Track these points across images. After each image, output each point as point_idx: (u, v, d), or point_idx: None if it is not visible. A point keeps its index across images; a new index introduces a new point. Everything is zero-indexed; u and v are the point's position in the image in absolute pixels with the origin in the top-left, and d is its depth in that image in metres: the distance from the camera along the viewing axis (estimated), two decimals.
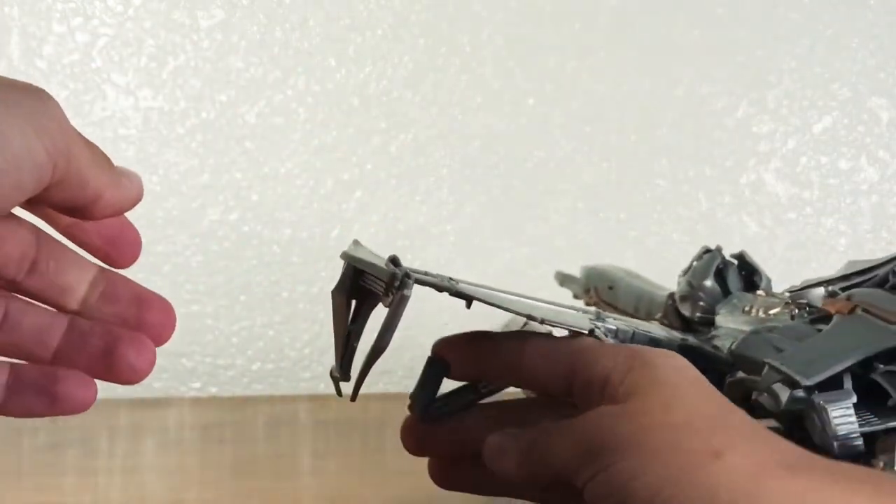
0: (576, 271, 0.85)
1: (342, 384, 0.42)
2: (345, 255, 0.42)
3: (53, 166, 0.30)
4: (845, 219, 0.84)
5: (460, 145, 0.84)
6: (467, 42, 0.83)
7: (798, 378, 0.37)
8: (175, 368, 0.84)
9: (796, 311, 0.46)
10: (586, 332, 0.39)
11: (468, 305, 0.40)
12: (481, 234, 0.85)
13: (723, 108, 0.84)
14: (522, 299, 0.43)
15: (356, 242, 0.45)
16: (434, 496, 0.50)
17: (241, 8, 0.83)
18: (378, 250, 0.88)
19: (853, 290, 0.43)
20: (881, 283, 0.44)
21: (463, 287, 0.41)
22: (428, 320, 0.86)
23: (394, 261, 0.39)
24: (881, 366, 0.38)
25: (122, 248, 0.36)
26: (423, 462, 0.44)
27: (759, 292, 0.51)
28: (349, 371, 0.42)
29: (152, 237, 0.85)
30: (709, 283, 0.52)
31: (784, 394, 0.38)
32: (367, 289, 0.41)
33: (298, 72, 0.84)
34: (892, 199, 0.84)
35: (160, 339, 0.34)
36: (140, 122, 0.84)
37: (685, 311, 0.52)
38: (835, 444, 0.36)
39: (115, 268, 0.35)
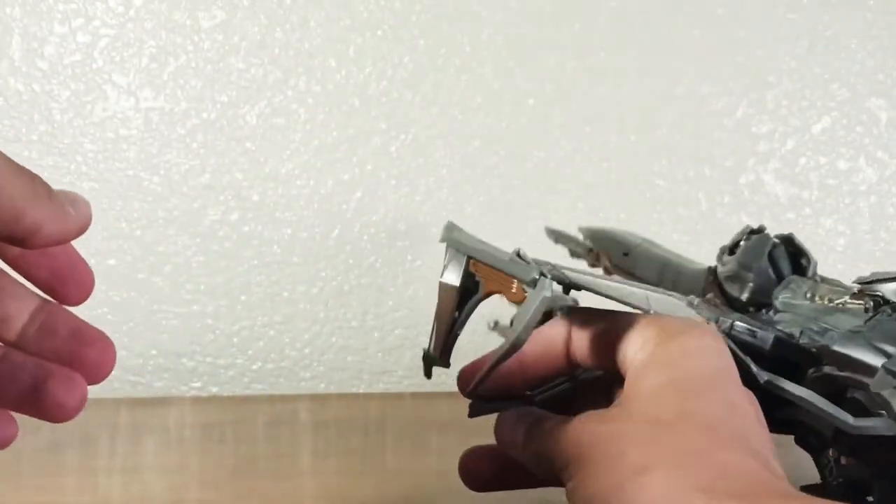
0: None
1: (439, 369, 0.42)
2: (453, 242, 0.41)
3: None
4: (844, 219, 0.84)
5: (460, 145, 0.84)
6: (467, 42, 0.83)
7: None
8: (175, 368, 0.84)
9: (871, 303, 0.46)
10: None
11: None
12: (481, 234, 0.84)
13: (722, 109, 0.84)
14: (630, 289, 0.41)
15: (452, 226, 0.44)
16: (434, 496, 0.50)
17: (242, 9, 0.83)
18: (378, 250, 0.89)
19: None
20: None
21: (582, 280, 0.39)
22: (428, 320, 0.86)
23: (522, 257, 0.38)
24: None
25: (70, 285, 0.34)
26: (423, 462, 0.44)
27: (817, 277, 0.50)
28: (449, 358, 0.42)
29: (153, 237, 0.85)
30: (762, 264, 0.51)
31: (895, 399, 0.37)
32: (478, 279, 0.40)
33: (299, 72, 0.84)
34: (891, 200, 0.84)
35: (96, 377, 0.33)
36: (141, 122, 0.84)
37: (733, 291, 0.51)
38: None
39: (63, 304, 0.34)
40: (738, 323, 0.42)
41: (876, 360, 0.39)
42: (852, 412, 0.38)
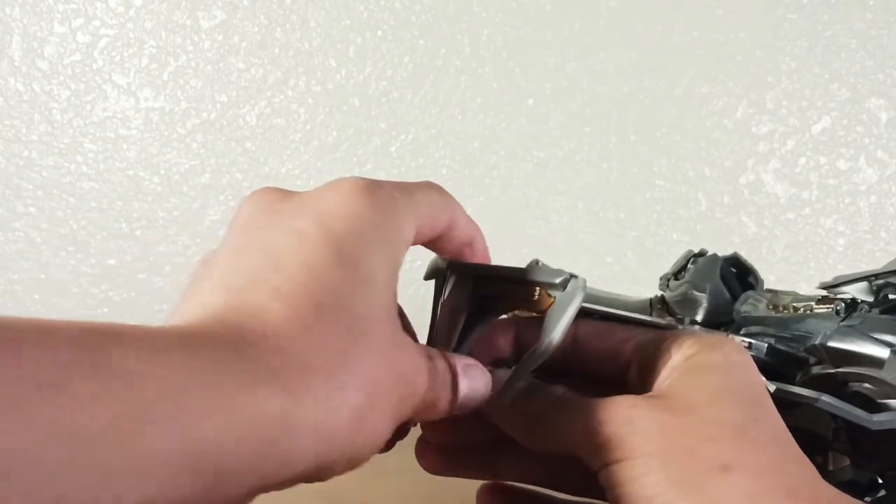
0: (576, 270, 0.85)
1: None
2: (454, 265, 0.38)
3: None
4: (844, 219, 0.84)
5: (460, 145, 0.84)
6: (467, 43, 0.83)
7: None
8: None
9: (842, 305, 0.46)
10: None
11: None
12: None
13: (722, 109, 0.84)
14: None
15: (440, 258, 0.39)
16: (433, 496, 0.50)
17: (242, 9, 0.83)
18: None
19: None
20: None
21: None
22: (429, 319, 0.86)
23: (540, 265, 0.37)
24: None
25: None
26: None
27: (769, 290, 0.51)
28: None
29: (153, 237, 0.85)
30: (715, 284, 0.52)
31: None
32: (494, 294, 0.36)
33: (299, 72, 0.84)
34: (891, 200, 0.84)
35: None
36: (141, 122, 0.84)
37: (686, 314, 0.52)
38: None
39: None
40: (734, 336, 0.43)
41: (879, 351, 0.39)
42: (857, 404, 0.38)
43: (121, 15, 0.83)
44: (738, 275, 0.53)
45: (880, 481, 0.39)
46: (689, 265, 0.54)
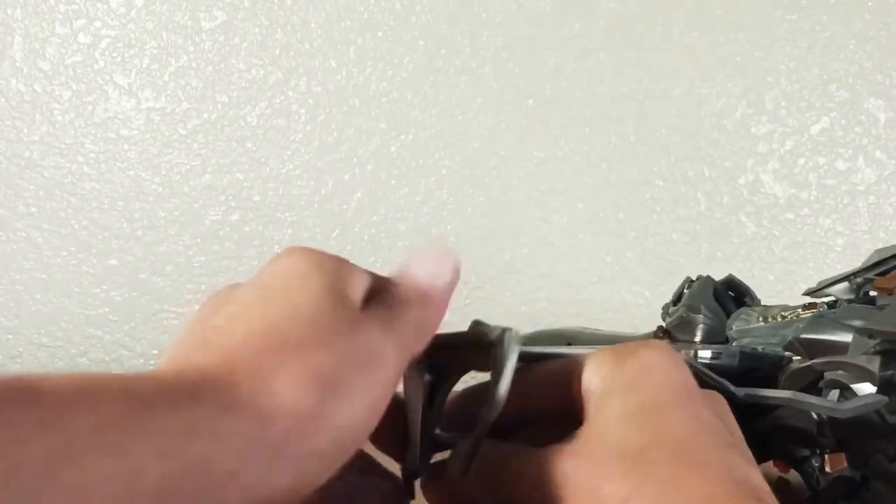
0: (576, 274, 0.85)
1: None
2: None
3: None
4: (843, 219, 0.84)
5: (460, 145, 0.85)
6: (467, 43, 0.84)
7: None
8: None
9: (825, 307, 0.46)
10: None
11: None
12: (482, 234, 0.85)
13: (721, 109, 0.84)
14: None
15: None
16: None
17: (243, 10, 0.84)
18: (378, 250, 0.89)
19: None
20: None
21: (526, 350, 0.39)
22: None
23: (480, 323, 0.36)
24: None
25: None
26: None
27: (763, 305, 0.51)
28: (429, 462, 0.37)
29: (154, 238, 0.85)
30: (709, 303, 0.52)
31: (874, 363, 0.37)
32: (444, 363, 0.37)
33: (299, 73, 0.84)
34: (890, 200, 0.84)
35: None
36: (142, 122, 0.84)
37: (685, 337, 0.52)
38: None
39: None
40: (700, 351, 0.43)
41: (845, 336, 0.39)
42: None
43: (122, 16, 0.84)
44: (735, 296, 0.53)
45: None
46: (684, 290, 0.55)
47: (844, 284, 0.45)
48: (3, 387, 0.22)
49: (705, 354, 0.43)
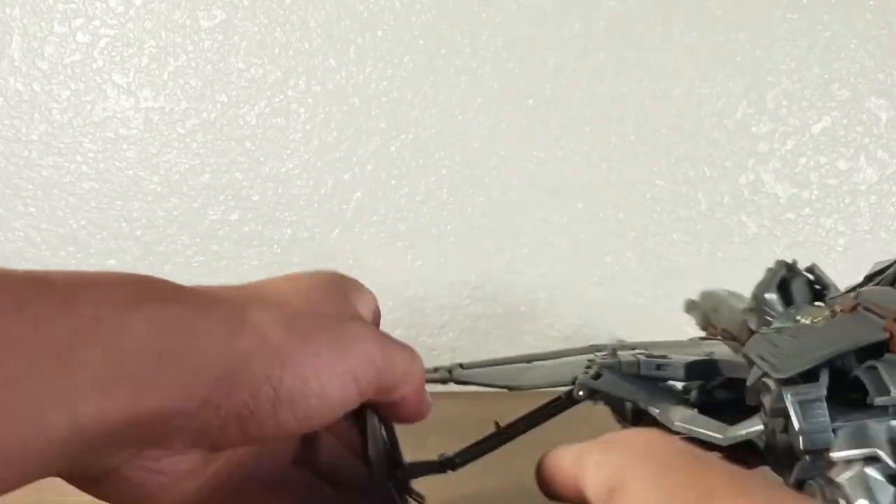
0: (576, 274, 0.85)
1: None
2: None
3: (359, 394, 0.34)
4: (844, 219, 0.84)
5: (460, 145, 0.84)
6: (467, 43, 0.83)
7: (770, 371, 0.36)
8: None
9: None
10: (564, 393, 0.39)
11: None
12: (481, 233, 0.85)
13: (722, 109, 0.84)
14: (515, 366, 0.43)
15: None
16: (431, 495, 0.50)
17: (242, 9, 0.83)
18: (378, 250, 0.89)
19: (862, 289, 0.41)
20: (892, 281, 0.41)
21: (460, 374, 0.41)
22: (428, 319, 0.86)
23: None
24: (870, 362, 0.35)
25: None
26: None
27: (819, 303, 0.49)
28: (401, 461, 0.41)
29: (153, 237, 0.85)
30: (771, 295, 0.51)
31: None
32: None
33: (299, 72, 0.84)
34: (891, 200, 0.84)
35: None
36: (141, 122, 0.84)
37: (752, 324, 0.51)
38: (800, 438, 0.34)
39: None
40: (643, 359, 0.43)
41: (756, 354, 0.39)
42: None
43: (121, 15, 0.83)
44: (816, 286, 0.51)
45: None
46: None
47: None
48: (20, 277, 0.26)
49: (647, 363, 0.43)
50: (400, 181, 0.85)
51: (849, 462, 0.31)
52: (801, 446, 0.33)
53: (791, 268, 0.50)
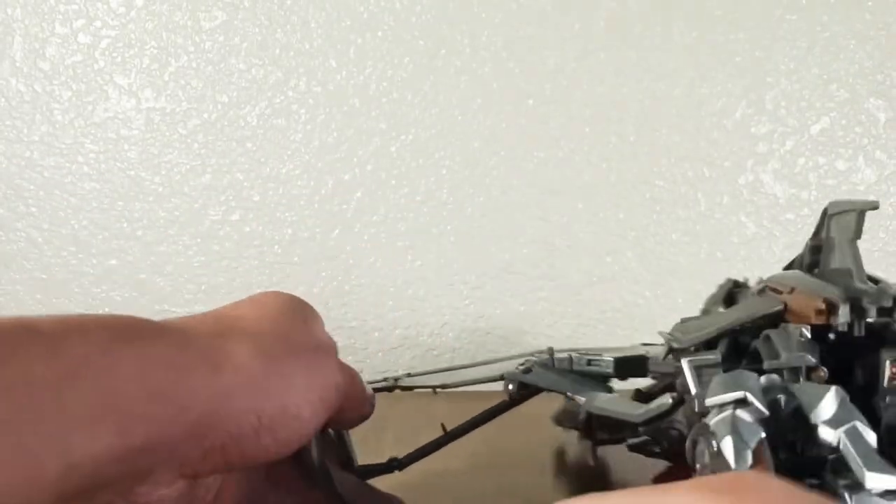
0: (576, 274, 0.85)
1: None
2: None
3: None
4: None
5: (460, 145, 0.85)
6: (467, 43, 0.84)
7: (672, 343, 0.37)
8: None
9: None
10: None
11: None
12: (481, 234, 0.85)
13: (721, 109, 0.84)
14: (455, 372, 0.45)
15: None
16: (431, 494, 0.51)
17: (243, 10, 0.84)
18: (378, 250, 0.89)
19: (774, 274, 0.43)
20: (806, 267, 0.43)
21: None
22: (428, 319, 0.87)
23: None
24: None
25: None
26: (424, 461, 0.44)
27: None
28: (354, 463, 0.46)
29: (154, 237, 0.85)
30: (720, 308, 0.52)
31: (669, 366, 0.38)
32: None
33: (299, 73, 0.84)
34: (890, 200, 0.84)
35: None
36: (142, 123, 0.84)
37: None
38: (695, 401, 0.34)
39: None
40: (576, 355, 0.45)
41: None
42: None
43: (122, 16, 0.84)
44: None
45: None
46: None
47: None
48: (8, 324, 0.27)
49: (579, 359, 0.44)
50: (400, 181, 0.85)
51: (722, 406, 0.31)
52: (696, 409, 0.34)
53: (738, 284, 0.52)
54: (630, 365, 0.45)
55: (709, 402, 0.32)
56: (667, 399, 0.37)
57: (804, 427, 0.31)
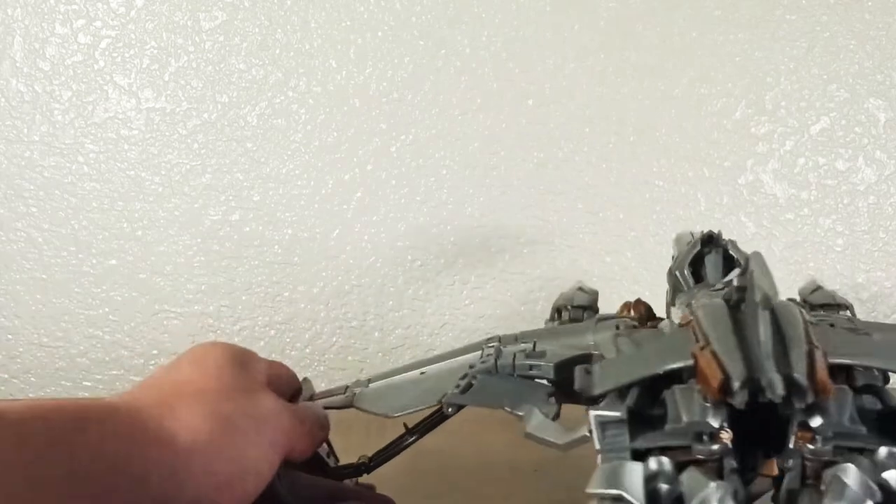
0: (576, 274, 0.85)
1: None
2: None
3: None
4: (842, 219, 0.84)
5: (460, 145, 0.85)
6: (467, 43, 0.84)
7: (584, 389, 0.37)
8: None
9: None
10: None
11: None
12: (481, 234, 0.85)
13: (721, 109, 0.84)
14: (411, 378, 0.46)
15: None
16: (432, 494, 0.51)
17: (243, 10, 0.84)
18: (378, 250, 0.89)
19: (696, 302, 0.41)
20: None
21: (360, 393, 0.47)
22: (429, 319, 0.87)
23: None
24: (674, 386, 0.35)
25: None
26: (423, 461, 0.44)
27: (723, 280, 0.48)
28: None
29: (154, 237, 0.85)
30: (683, 271, 0.51)
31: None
32: None
33: (299, 73, 0.84)
34: (889, 200, 0.84)
35: None
36: (142, 123, 0.84)
37: (668, 297, 0.51)
38: (598, 457, 0.34)
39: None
40: (519, 362, 0.44)
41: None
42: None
43: (122, 16, 0.84)
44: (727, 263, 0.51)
45: None
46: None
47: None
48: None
49: (524, 366, 0.44)
50: (400, 181, 0.85)
51: (602, 499, 0.32)
52: (599, 463, 0.34)
53: (707, 242, 0.50)
54: (569, 369, 0.43)
55: (588, 491, 0.32)
56: (585, 431, 0.37)
57: None
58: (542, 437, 0.39)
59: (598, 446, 0.35)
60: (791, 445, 0.32)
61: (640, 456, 0.33)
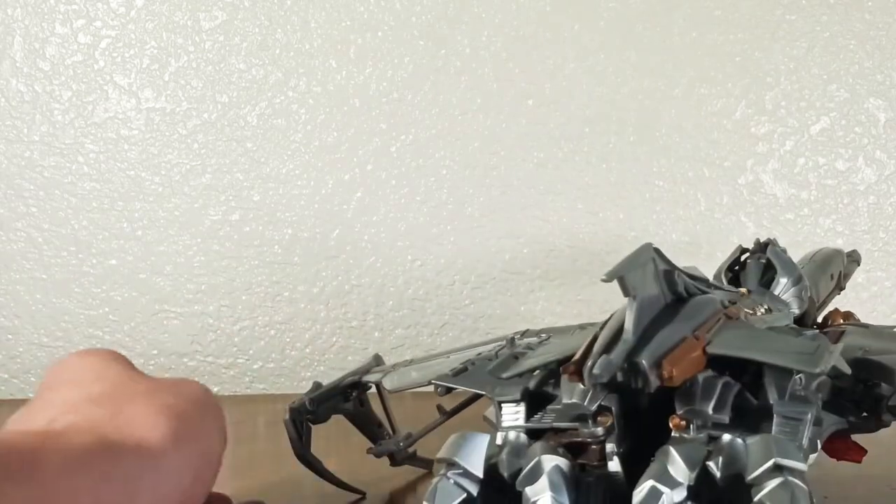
0: (576, 274, 0.85)
1: None
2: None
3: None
4: (842, 219, 0.84)
5: (460, 145, 0.85)
6: (467, 44, 0.84)
7: (493, 374, 0.40)
8: (177, 368, 0.84)
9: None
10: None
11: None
12: (481, 234, 0.85)
13: (721, 109, 0.84)
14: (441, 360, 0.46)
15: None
16: None
17: (243, 10, 0.84)
18: (378, 250, 0.89)
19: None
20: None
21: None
22: (428, 319, 0.87)
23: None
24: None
25: None
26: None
27: (742, 290, 0.49)
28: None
29: (154, 237, 0.85)
30: (720, 276, 0.51)
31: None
32: None
33: (299, 73, 0.84)
34: (889, 200, 0.84)
35: None
36: (142, 122, 0.84)
37: None
38: (497, 434, 0.36)
39: None
40: (519, 351, 0.45)
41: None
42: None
43: (122, 16, 0.84)
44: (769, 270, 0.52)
45: None
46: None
47: None
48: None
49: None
50: (400, 181, 0.85)
51: (438, 463, 0.33)
52: (501, 443, 0.36)
53: (748, 250, 0.51)
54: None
55: (437, 457, 0.34)
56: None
57: (512, 490, 0.33)
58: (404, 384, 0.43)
59: (495, 422, 0.37)
60: (674, 434, 0.34)
61: (536, 436, 0.35)
